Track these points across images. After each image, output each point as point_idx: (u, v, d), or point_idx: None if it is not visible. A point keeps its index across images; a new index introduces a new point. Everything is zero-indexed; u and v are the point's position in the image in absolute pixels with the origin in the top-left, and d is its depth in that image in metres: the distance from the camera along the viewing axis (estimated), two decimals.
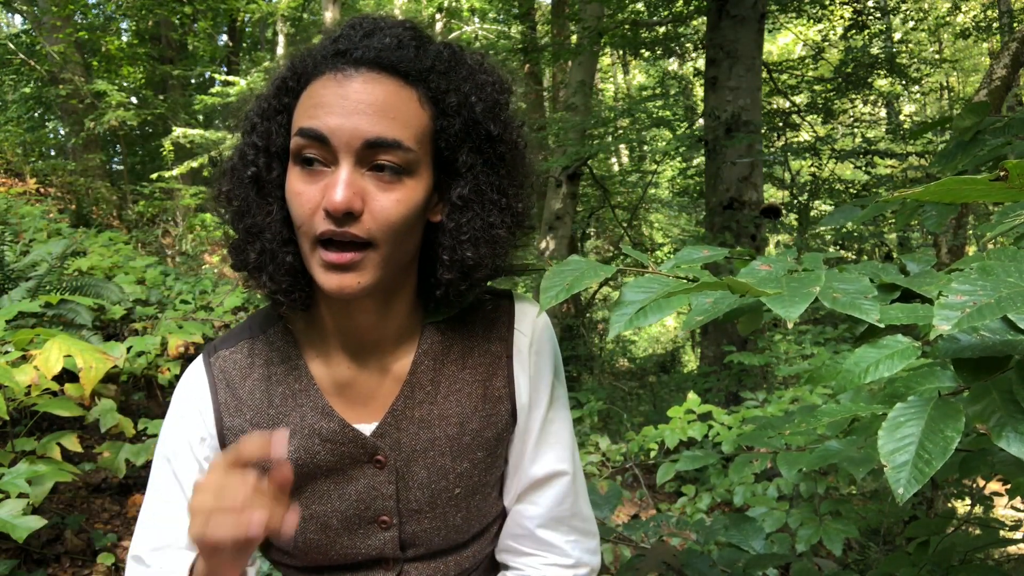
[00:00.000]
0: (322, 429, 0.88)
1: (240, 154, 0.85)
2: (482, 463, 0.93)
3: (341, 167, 0.77)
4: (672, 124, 7.73)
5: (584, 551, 0.99)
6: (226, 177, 0.86)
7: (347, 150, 0.77)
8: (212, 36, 11.32)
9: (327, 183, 0.77)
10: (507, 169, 0.87)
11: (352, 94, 0.77)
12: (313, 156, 0.78)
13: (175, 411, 0.93)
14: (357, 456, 0.89)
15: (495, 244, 0.86)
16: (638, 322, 0.72)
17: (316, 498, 0.90)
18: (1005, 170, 0.56)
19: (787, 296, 0.67)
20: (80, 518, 2.60)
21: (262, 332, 0.94)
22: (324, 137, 0.76)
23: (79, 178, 8.03)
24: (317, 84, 0.80)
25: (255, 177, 0.84)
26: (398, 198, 0.79)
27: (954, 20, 10.98)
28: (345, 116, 0.76)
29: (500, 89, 0.87)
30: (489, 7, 11.07)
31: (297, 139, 0.79)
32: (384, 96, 0.78)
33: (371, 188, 0.78)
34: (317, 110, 0.78)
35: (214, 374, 0.92)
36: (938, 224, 1.11)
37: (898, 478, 0.61)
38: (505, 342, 0.94)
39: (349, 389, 0.91)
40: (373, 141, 0.76)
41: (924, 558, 1.37)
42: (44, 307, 3.01)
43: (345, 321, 0.88)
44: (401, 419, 0.90)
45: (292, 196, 0.80)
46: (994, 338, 0.70)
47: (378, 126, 0.76)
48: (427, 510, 0.92)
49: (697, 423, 2.74)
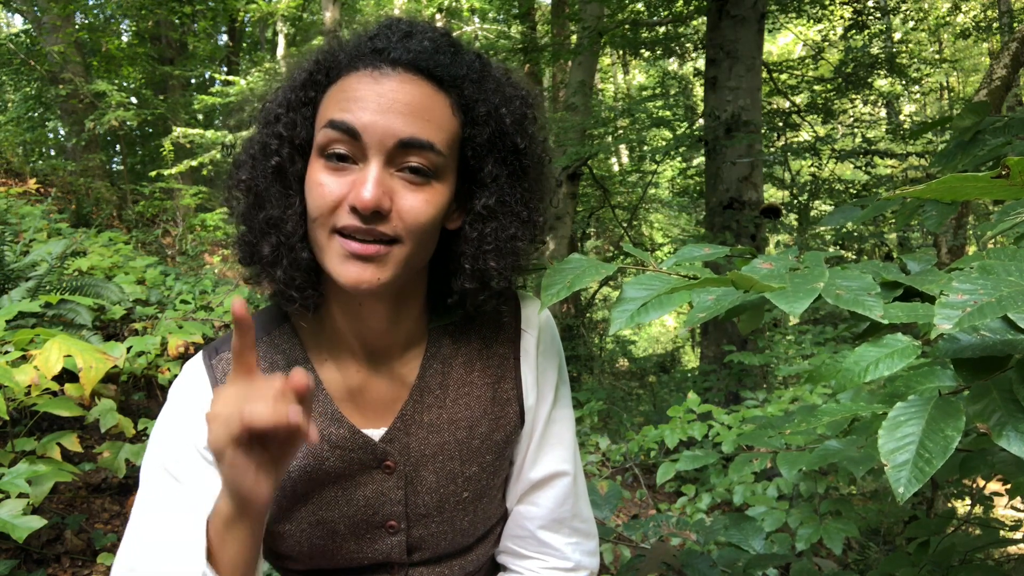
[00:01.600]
0: (331, 435, 0.86)
1: (262, 144, 0.83)
2: (490, 466, 0.93)
3: (371, 164, 0.76)
4: (672, 124, 7.72)
5: (584, 553, 0.99)
6: (245, 167, 0.84)
7: (379, 148, 0.75)
8: (212, 36, 11.31)
9: (354, 179, 0.76)
10: (530, 182, 0.87)
11: (388, 92, 0.76)
12: (342, 152, 0.76)
13: (174, 416, 0.86)
14: (366, 462, 0.88)
15: (516, 255, 0.86)
16: (639, 318, 0.72)
17: (323, 503, 0.88)
18: (1006, 167, 0.56)
19: (791, 291, 0.67)
20: (80, 518, 2.60)
21: (266, 334, 0.90)
22: (356, 132, 0.75)
23: (79, 178, 8.02)
24: (351, 78, 0.78)
25: (278, 168, 0.81)
26: (427, 198, 0.78)
27: (954, 20, 10.98)
28: (380, 113, 0.75)
29: (527, 103, 0.87)
30: (489, 7, 11.07)
31: (327, 131, 0.77)
32: (420, 98, 0.77)
33: (399, 188, 0.77)
34: (350, 104, 0.76)
35: (217, 377, 0.87)
36: (938, 223, 1.11)
37: (898, 477, 0.61)
38: (513, 343, 0.94)
39: (358, 394, 0.89)
40: (407, 141, 0.76)
41: (924, 558, 1.37)
42: (44, 307, 3.01)
43: (355, 324, 0.87)
44: (410, 424, 0.89)
45: (313, 187, 0.78)
46: (994, 337, 0.70)
47: (412, 126, 0.76)
48: (435, 514, 0.91)
49: (697, 423, 2.73)
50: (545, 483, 0.96)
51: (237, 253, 0.86)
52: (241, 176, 0.83)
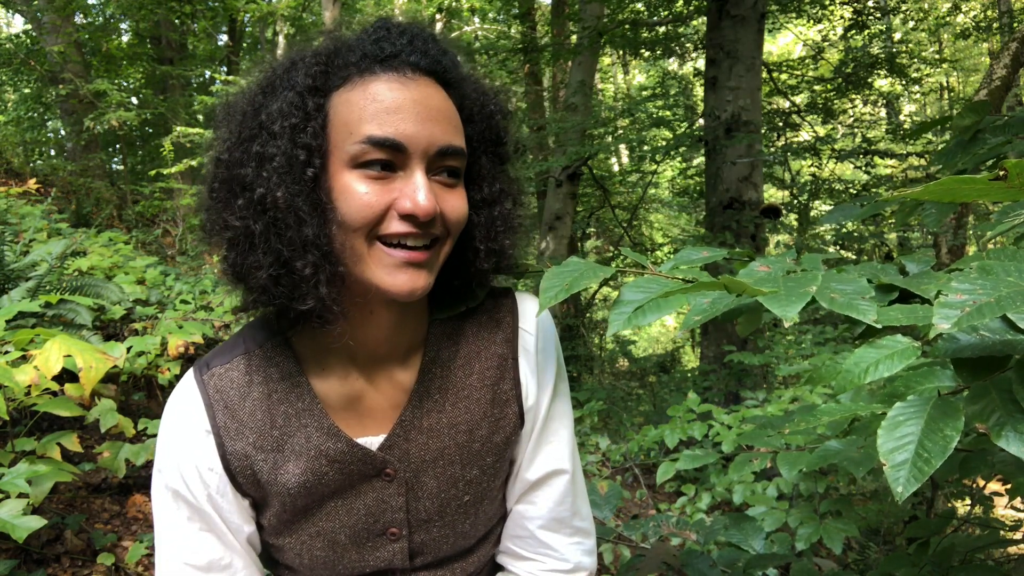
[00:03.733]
0: (329, 450, 0.85)
1: (286, 156, 0.75)
2: (491, 468, 0.93)
3: (415, 172, 0.77)
4: (672, 124, 7.73)
5: (583, 553, 0.99)
6: (259, 184, 0.75)
7: (422, 156, 0.77)
8: (212, 36, 11.31)
9: (399, 186, 0.77)
10: (510, 169, 0.93)
11: (422, 99, 0.77)
12: (383, 159, 0.76)
13: (171, 437, 0.85)
14: (365, 472, 0.87)
15: (519, 232, 0.92)
16: (636, 321, 0.72)
17: (324, 515, 0.88)
18: (1004, 169, 0.56)
19: (783, 296, 0.67)
20: (80, 518, 2.60)
21: (258, 347, 0.87)
22: (402, 145, 0.75)
23: (79, 178, 8.02)
24: (377, 85, 0.76)
25: (314, 180, 0.76)
26: (461, 196, 0.83)
27: (954, 20, 10.97)
28: (419, 122, 0.76)
29: (502, 93, 0.92)
30: (489, 7, 11.07)
31: (365, 146, 0.75)
32: (443, 102, 0.80)
33: (439, 190, 0.80)
34: (388, 116, 0.75)
35: (209, 394, 0.85)
36: (937, 222, 1.11)
37: (897, 476, 0.61)
38: (511, 343, 0.94)
39: (356, 401, 0.88)
40: (445, 149, 0.78)
41: (924, 558, 1.37)
42: (44, 307, 3.01)
43: (360, 332, 0.85)
44: (410, 430, 0.88)
45: (353, 197, 0.75)
46: (993, 338, 0.70)
47: (448, 134, 0.79)
48: (436, 519, 0.91)
49: (697, 423, 2.74)
50: (543, 482, 0.96)
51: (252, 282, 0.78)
52: (262, 194, 0.75)
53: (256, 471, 0.84)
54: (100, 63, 9.59)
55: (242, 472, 0.84)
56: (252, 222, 0.76)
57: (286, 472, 0.84)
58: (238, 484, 0.85)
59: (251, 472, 0.85)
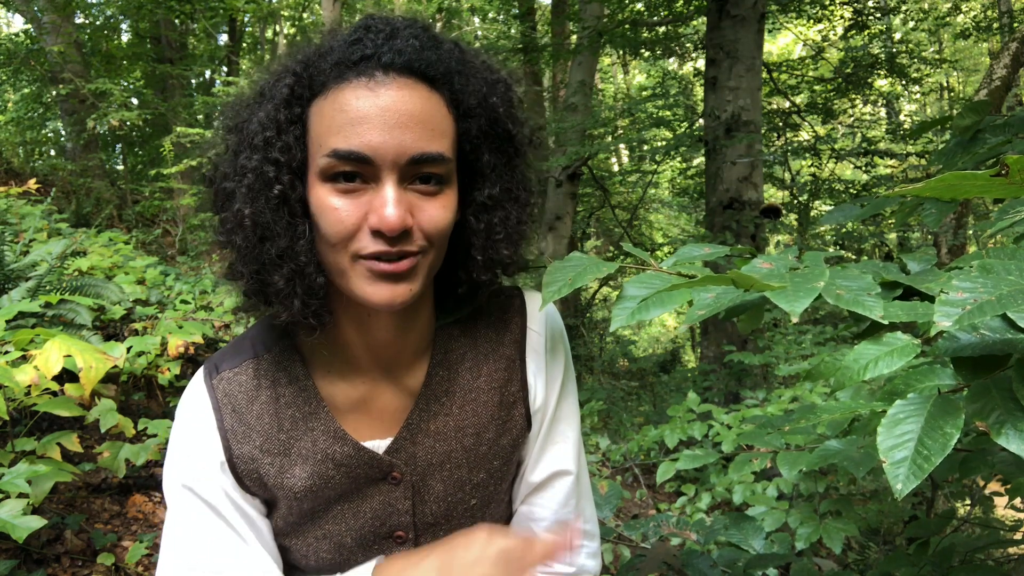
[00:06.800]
0: (335, 454, 0.85)
1: (257, 173, 0.75)
2: (498, 472, 0.92)
3: (385, 184, 0.72)
4: (672, 124, 7.73)
5: (587, 555, 0.98)
6: (238, 198, 0.76)
7: (392, 167, 0.72)
8: (212, 36, 11.30)
9: (370, 200, 0.73)
10: (524, 165, 0.86)
11: (391, 104, 0.72)
12: (351, 171, 0.73)
13: (185, 435, 0.86)
14: (372, 475, 0.87)
15: (523, 239, 0.86)
16: (639, 316, 0.72)
17: (330, 519, 0.87)
18: (1005, 166, 0.56)
19: (791, 290, 0.67)
20: (80, 518, 2.60)
21: (267, 351, 0.88)
22: (367, 158, 0.71)
23: (79, 178, 8.02)
24: (344, 93, 0.73)
25: (282, 197, 0.75)
26: (443, 204, 0.76)
27: (954, 20, 10.97)
28: (387, 131, 0.71)
29: (510, 85, 0.85)
30: (489, 7, 11.08)
31: (330, 160, 0.72)
32: (421, 106, 0.74)
33: (415, 200, 0.75)
34: (353, 127, 0.72)
35: (218, 398, 0.86)
36: (937, 221, 1.11)
37: (896, 474, 0.61)
38: (519, 344, 0.92)
39: (363, 405, 0.88)
40: (418, 157, 0.73)
41: (924, 558, 1.37)
42: (44, 307, 3.01)
43: (364, 337, 0.85)
44: (416, 433, 0.88)
45: (327, 212, 0.73)
46: (994, 336, 0.70)
47: (421, 141, 0.73)
48: (443, 523, 0.90)
49: (697, 422, 2.74)
50: (547, 484, 0.95)
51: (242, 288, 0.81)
52: (238, 209, 0.76)
53: (262, 474, 0.84)
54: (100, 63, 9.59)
55: (248, 475, 0.84)
56: (233, 235, 0.77)
57: (292, 475, 0.84)
58: (245, 486, 0.85)
59: (257, 475, 0.85)
